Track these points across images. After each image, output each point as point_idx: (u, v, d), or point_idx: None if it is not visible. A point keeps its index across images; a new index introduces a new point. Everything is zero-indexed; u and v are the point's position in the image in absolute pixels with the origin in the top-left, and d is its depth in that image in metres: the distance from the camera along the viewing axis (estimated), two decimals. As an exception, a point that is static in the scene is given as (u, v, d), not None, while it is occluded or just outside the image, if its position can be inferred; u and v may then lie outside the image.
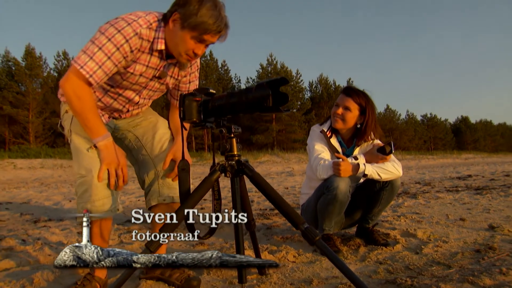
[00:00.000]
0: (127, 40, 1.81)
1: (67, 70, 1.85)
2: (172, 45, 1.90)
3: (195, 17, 1.78)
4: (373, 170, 2.64)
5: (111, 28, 1.79)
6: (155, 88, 2.14)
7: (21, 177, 16.37)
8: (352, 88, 2.92)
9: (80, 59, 1.79)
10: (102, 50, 1.79)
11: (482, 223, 3.56)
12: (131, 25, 1.81)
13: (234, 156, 1.67)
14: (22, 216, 4.86)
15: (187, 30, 1.81)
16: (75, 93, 1.82)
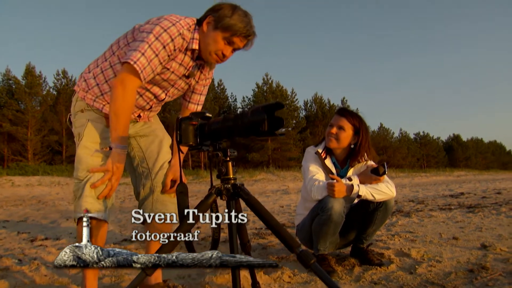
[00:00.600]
0: (173, 39, 1.94)
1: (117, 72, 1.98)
2: (203, 45, 2.03)
3: (228, 19, 1.95)
4: (367, 191, 2.68)
5: (157, 27, 1.91)
6: (180, 88, 2.23)
7: (18, 194, 16.24)
8: (346, 109, 2.98)
9: (133, 55, 1.87)
10: (151, 48, 1.90)
11: (475, 242, 3.59)
12: (175, 25, 1.94)
13: (230, 179, 1.70)
14: (19, 234, 4.85)
15: (219, 31, 1.97)
16: (124, 95, 1.91)
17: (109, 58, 2.10)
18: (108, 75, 2.08)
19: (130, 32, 2.07)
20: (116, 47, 2.10)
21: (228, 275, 2.49)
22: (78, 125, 2.08)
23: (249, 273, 2.19)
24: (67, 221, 6.22)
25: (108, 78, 2.08)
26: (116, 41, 2.13)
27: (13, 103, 31.97)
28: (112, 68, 2.08)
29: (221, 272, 2.56)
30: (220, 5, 2.03)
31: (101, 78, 2.09)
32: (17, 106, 32.29)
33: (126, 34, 2.08)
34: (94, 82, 2.09)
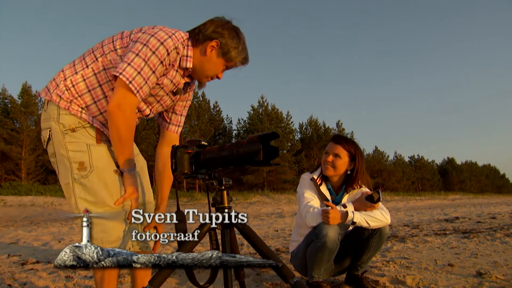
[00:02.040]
0: (169, 53, 1.84)
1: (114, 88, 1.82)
2: (201, 68, 1.96)
3: (235, 51, 1.93)
4: (362, 217, 2.68)
5: (153, 40, 1.80)
6: (165, 104, 2.13)
7: (10, 215, 16.11)
8: (341, 136, 3.01)
9: (128, 73, 1.77)
10: (148, 64, 1.80)
11: (470, 269, 3.58)
12: (171, 38, 1.84)
13: (224, 208, 1.70)
14: (9, 257, 4.78)
15: (223, 59, 1.94)
16: (125, 120, 1.82)
17: (91, 65, 1.93)
18: (92, 84, 1.92)
19: (117, 37, 1.94)
20: (100, 53, 1.93)
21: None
22: (72, 148, 1.89)
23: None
24: (60, 243, 6.16)
25: (91, 87, 1.92)
26: (99, 46, 1.96)
27: (8, 122, 32.00)
28: (96, 76, 1.92)
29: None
30: (224, 26, 1.95)
31: (82, 87, 1.91)
32: (12, 125, 32.31)
33: (113, 39, 1.94)
34: (75, 91, 1.91)
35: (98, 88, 1.93)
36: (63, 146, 1.90)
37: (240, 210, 1.74)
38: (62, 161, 1.91)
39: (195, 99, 39.92)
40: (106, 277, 1.85)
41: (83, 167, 1.88)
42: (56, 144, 1.92)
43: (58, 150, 1.92)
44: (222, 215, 1.69)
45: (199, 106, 39.79)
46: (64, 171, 1.90)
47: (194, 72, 2.00)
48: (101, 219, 1.85)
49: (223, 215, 1.69)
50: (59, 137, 1.90)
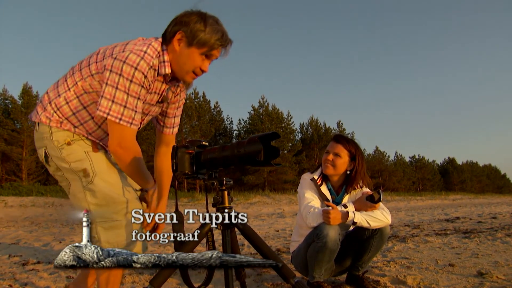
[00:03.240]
0: (146, 75, 1.81)
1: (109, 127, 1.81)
2: (177, 65, 1.90)
3: (203, 33, 1.82)
4: (362, 218, 2.68)
5: (126, 67, 1.76)
6: (154, 114, 2.12)
7: (11, 215, 16.13)
8: (342, 135, 3.02)
9: (115, 111, 1.76)
10: (130, 95, 1.78)
11: (471, 268, 3.57)
12: (144, 58, 1.79)
13: (225, 208, 1.70)
14: (10, 258, 4.78)
15: (195, 47, 1.84)
16: (131, 155, 1.84)
17: (73, 88, 1.92)
18: (76, 107, 1.92)
19: (93, 60, 1.91)
20: (79, 77, 1.92)
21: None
22: (73, 159, 1.89)
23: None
24: (60, 243, 6.15)
25: (76, 110, 1.92)
26: (78, 68, 1.95)
27: (9, 123, 32.04)
28: (78, 99, 1.92)
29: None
30: (187, 16, 1.87)
31: (67, 109, 1.92)
32: (12, 125, 32.36)
33: (89, 62, 1.92)
34: (60, 114, 1.92)
35: (83, 111, 1.93)
36: (63, 160, 1.90)
37: (240, 210, 1.74)
38: (68, 173, 1.91)
39: (195, 100, 39.98)
40: (111, 279, 1.85)
41: (86, 173, 1.87)
42: (56, 160, 1.92)
43: (60, 165, 1.92)
44: (223, 215, 1.69)
45: (199, 107, 39.79)
46: (74, 182, 1.91)
47: (174, 73, 1.95)
48: (115, 222, 1.85)
49: (223, 215, 1.69)
50: (57, 153, 1.91)
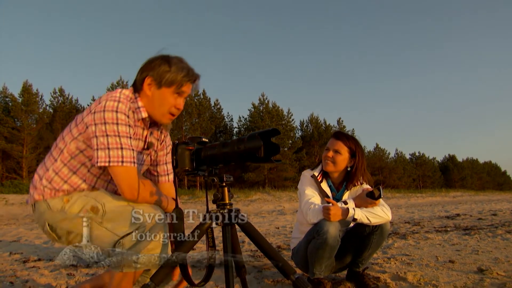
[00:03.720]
0: (127, 115, 1.86)
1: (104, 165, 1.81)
2: (152, 108, 1.97)
3: (169, 74, 1.91)
4: (363, 214, 2.68)
5: (108, 113, 1.81)
6: (145, 163, 2.15)
7: (12, 213, 16.14)
8: (342, 132, 3.02)
9: (114, 156, 1.79)
10: (121, 136, 1.81)
11: (471, 265, 3.58)
12: (120, 101, 1.86)
13: (225, 205, 1.70)
14: (11, 255, 4.79)
15: (165, 88, 1.92)
16: (146, 190, 1.88)
17: (59, 157, 1.97)
18: (65, 175, 1.96)
19: (73, 125, 1.96)
20: (63, 144, 1.97)
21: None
22: (78, 208, 1.90)
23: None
24: (61, 241, 6.15)
25: (66, 178, 1.95)
26: (60, 138, 2.01)
27: (9, 121, 32.07)
28: (67, 166, 1.95)
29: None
30: (151, 62, 1.97)
31: (58, 180, 1.95)
32: (13, 123, 32.40)
33: (70, 128, 1.97)
34: (52, 186, 1.95)
35: (73, 176, 1.96)
36: (69, 218, 1.90)
37: (241, 208, 1.74)
38: (79, 224, 1.89)
39: (196, 97, 39.96)
40: (123, 284, 1.85)
41: (96, 209, 1.87)
42: (62, 224, 1.93)
43: (68, 226, 1.92)
44: (223, 212, 1.69)
45: (200, 104, 39.79)
46: (89, 228, 1.89)
47: (152, 117, 2.01)
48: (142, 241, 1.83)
49: (223, 211, 1.69)
50: (60, 216, 1.92)
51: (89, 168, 1.96)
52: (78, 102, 38.48)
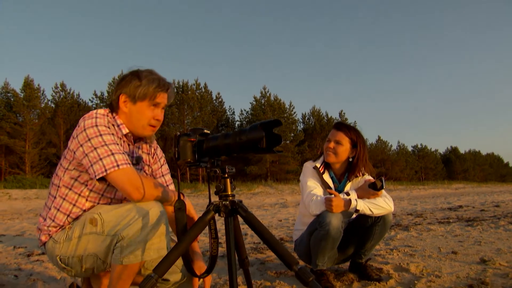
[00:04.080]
0: (107, 126, 1.92)
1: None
2: (132, 123, 2.02)
3: (141, 88, 1.97)
4: (365, 205, 2.67)
5: (89, 130, 1.86)
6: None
7: (15, 207, 16.20)
8: (343, 123, 3.00)
9: (108, 164, 1.81)
10: (108, 144, 1.84)
11: (474, 256, 3.58)
12: (97, 117, 1.92)
13: (228, 196, 1.69)
14: (15, 249, 4.82)
15: (139, 102, 1.99)
16: (150, 187, 1.89)
17: (57, 194, 2.01)
18: (66, 208, 1.99)
19: (62, 160, 2.02)
20: (57, 180, 2.02)
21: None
22: (79, 227, 1.93)
23: None
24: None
25: (67, 212, 1.98)
26: (55, 176, 2.05)
27: (11, 116, 32.09)
28: (65, 201, 1.99)
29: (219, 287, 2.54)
30: (122, 80, 2.03)
31: (60, 216, 1.98)
32: (15, 118, 32.40)
33: (61, 164, 2.02)
34: (56, 224, 1.98)
35: (74, 208, 1.98)
36: (74, 242, 1.93)
37: (243, 201, 1.73)
38: (85, 242, 1.91)
39: (197, 91, 39.94)
40: (123, 277, 1.85)
41: (95, 221, 1.88)
42: (71, 252, 1.94)
43: (76, 250, 1.93)
44: (225, 203, 1.69)
45: (201, 98, 39.73)
46: (95, 243, 1.90)
47: (134, 132, 2.06)
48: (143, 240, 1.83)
49: (226, 203, 1.69)
50: (66, 246, 1.94)
51: (87, 197, 1.99)
52: (79, 97, 38.44)
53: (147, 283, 1.56)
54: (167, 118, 37.48)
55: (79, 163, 1.92)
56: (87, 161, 1.84)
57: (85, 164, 1.86)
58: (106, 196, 2.05)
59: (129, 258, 1.79)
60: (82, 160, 1.87)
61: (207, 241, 5.11)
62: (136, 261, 1.80)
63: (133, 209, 1.83)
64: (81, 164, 1.92)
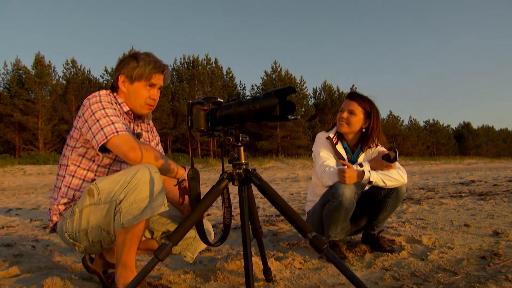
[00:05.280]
0: (110, 102, 2.02)
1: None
2: (131, 102, 2.13)
3: (138, 69, 2.08)
4: (378, 177, 2.66)
5: (93, 105, 1.95)
6: None
7: (30, 183, 16.48)
8: (356, 93, 2.95)
9: (108, 131, 1.87)
10: (109, 115, 1.93)
11: (487, 229, 3.56)
12: (100, 94, 2.02)
13: (241, 164, 1.69)
14: (31, 222, 4.92)
15: (136, 82, 2.10)
16: (149, 149, 1.94)
17: (66, 172, 2.08)
18: (76, 184, 2.06)
19: (68, 141, 2.09)
20: (65, 159, 2.09)
21: (239, 261, 2.50)
22: (81, 199, 1.97)
23: (261, 260, 2.20)
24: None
25: (78, 187, 2.05)
26: (62, 156, 2.12)
27: (24, 93, 32.30)
28: (74, 177, 2.06)
29: (232, 258, 2.57)
30: (121, 62, 2.15)
31: (71, 192, 2.05)
32: (27, 95, 32.61)
33: (67, 143, 2.09)
34: (66, 200, 2.05)
35: (83, 183, 2.06)
36: (77, 216, 1.96)
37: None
38: (85, 214, 1.94)
39: (208, 66, 39.78)
40: (127, 242, 1.87)
41: (91, 192, 1.91)
42: (77, 226, 1.97)
43: (81, 223, 1.96)
44: (239, 171, 1.68)
45: (212, 73, 39.61)
46: (95, 213, 1.93)
47: (133, 111, 2.16)
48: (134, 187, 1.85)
49: (239, 171, 1.68)
50: (71, 221, 1.98)
51: (96, 172, 2.08)
52: (90, 73, 38.48)
53: (162, 250, 1.58)
54: (178, 93, 37.49)
55: (86, 140, 2.00)
56: (91, 134, 1.92)
57: (89, 137, 1.93)
58: (113, 169, 2.12)
59: (129, 220, 1.81)
60: (87, 134, 1.94)
61: (218, 214, 5.15)
62: (136, 221, 1.82)
63: (126, 172, 1.86)
64: (87, 141, 2.00)
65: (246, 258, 1.61)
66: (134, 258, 1.92)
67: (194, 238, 2.17)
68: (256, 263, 2.36)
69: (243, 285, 2.18)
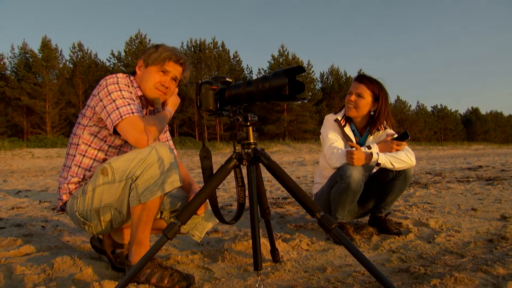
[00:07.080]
0: (127, 84, 2.06)
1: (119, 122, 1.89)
2: (143, 85, 2.14)
3: (155, 54, 2.12)
4: (386, 159, 2.65)
5: (110, 86, 1.97)
6: None
7: (38, 165, 16.64)
8: (365, 75, 2.92)
9: (123, 112, 1.89)
10: (125, 98, 1.95)
11: (494, 213, 3.56)
12: (117, 76, 2.04)
13: (250, 144, 1.68)
14: (41, 203, 4.97)
15: (150, 66, 2.13)
16: (154, 127, 1.96)
17: (76, 152, 2.07)
18: (87, 163, 2.07)
19: (80, 119, 2.10)
20: (76, 138, 2.08)
21: (246, 242, 2.51)
22: (93, 178, 1.99)
23: (268, 241, 2.21)
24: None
25: (88, 167, 2.06)
26: (72, 135, 2.12)
27: (31, 77, 32.37)
28: (85, 156, 2.06)
29: (240, 239, 2.58)
30: (145, 50, 2.19)
31: (81, 171, 2.06)
32: (34, 79, 32.68)
33: (79, 122, 2.09)
34: (77, 179, 2.06)
35: (94, 163, 2.07)
36: (89, 195, 1.97)
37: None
38: (100, 193, 1.96)
39: (215, 49, 39.62)
40: (143, 218, 1.89)
41: (105, 171, 1.92)
42: (89, 206, 1.99)
43: (93, 203, 1.98)
44: (248, 151, 1.68)
45: (219, 57, 39.46)
46: (109, 191, 1.94)
47: (145, 94, 2.16)
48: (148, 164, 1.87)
49: (248, 151, 1.68)
50: (83, 200, 2.00)
51: (106, 152, 2.09)
52: (97, 57, 38.46)
53: (171, 229, 1.59)
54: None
55: (99, 119, 2.01)
56: (106, 113, 1.92)
57: (103, 116, 1.93)
58: (123, 151, 2.13)
59: (146, 196, 1.84)
60: (101, 113, 1.94)
61: (225, 197, 5.17)
62: (152, 196, 1.84)
63: (140, 151, 1.88)
64: (100, 120, 2.01)
65: (254, 238, 1.62)
66: (149, 235, 1.94)
67: (203, 217, 2.18)
68: (263, 243, 2.38)
69: (250, 265, 2.19)
